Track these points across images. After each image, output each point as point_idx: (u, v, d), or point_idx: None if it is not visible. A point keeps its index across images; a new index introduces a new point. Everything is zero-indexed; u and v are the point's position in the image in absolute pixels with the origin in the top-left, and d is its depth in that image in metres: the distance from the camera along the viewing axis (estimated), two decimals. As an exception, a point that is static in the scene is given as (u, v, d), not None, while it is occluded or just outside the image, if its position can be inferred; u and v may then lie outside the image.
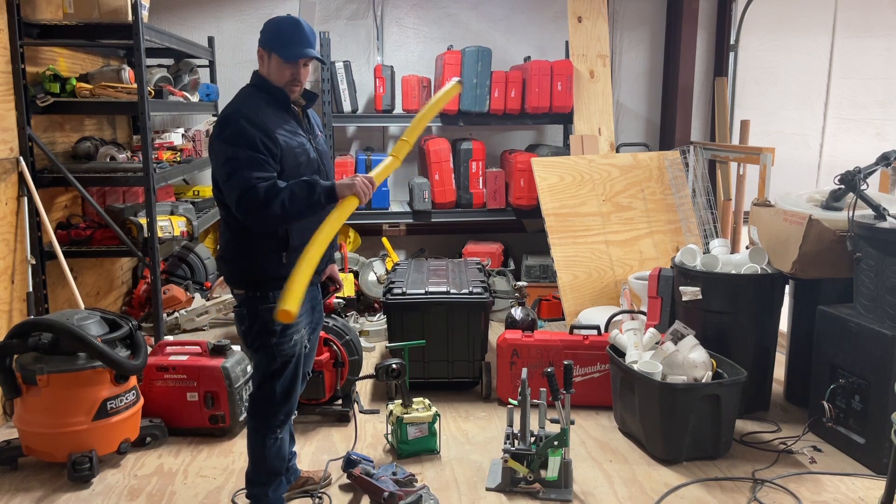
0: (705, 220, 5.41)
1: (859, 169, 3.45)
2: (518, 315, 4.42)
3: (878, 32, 6.45)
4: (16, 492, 3.05)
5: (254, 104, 2.49)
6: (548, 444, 2.96)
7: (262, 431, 2.70)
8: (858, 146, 6.48)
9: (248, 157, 2.39)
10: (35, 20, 3.96)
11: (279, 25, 2.52)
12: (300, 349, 2.67)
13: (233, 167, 2.40)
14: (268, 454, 2.71)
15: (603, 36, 5.82)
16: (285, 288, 2.29)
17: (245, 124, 2.41)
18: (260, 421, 2.71)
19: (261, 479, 2.74)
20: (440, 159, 5.62)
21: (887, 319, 3.14)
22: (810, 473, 3.20)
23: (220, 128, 2.46)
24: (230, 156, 2.41)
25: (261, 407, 2.70)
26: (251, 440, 2.74)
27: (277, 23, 2.54)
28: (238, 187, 2.39)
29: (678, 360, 3.33)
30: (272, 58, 2.51)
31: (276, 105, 2.54)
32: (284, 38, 2.50)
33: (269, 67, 2.53)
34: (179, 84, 5.12)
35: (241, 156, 2.39)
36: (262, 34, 2.54)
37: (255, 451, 2.74)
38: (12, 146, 3.87)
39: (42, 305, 4.01)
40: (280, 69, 2.51)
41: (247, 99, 2.52)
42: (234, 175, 2.39)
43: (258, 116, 2.44)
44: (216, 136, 2.47)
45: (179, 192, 5.48)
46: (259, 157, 2.40)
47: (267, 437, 2.70)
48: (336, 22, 6.00)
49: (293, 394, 2.71)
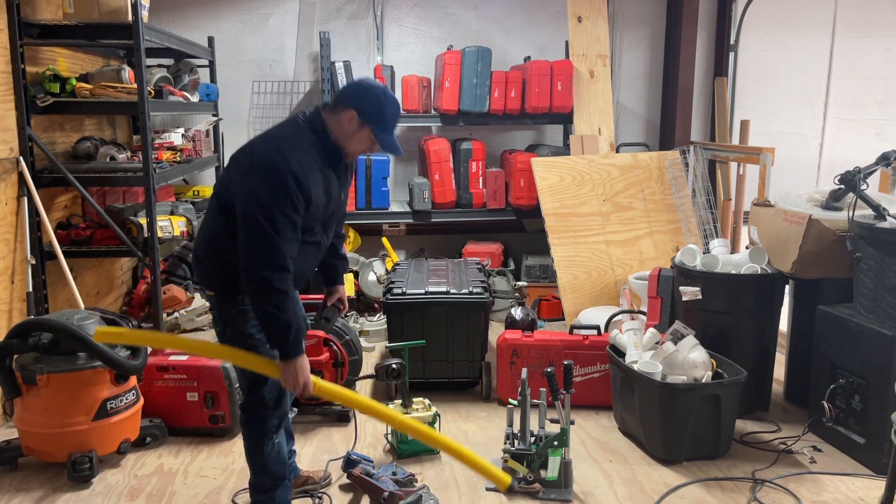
0: (705, 220, 5.41)
1: (859, 169, 3.45)
2: (518, 315, 4.41)
3: (878, 32, 6.45)
4: (16, 492, 3.06)
5: (307, 157, 2.37)
6: (548, 444, 2.96)
7: (259, 438, 2.66)
8: (858, 146, 6.47)
9: (283, 220, 2.28)
10: (35, 20, 3.95)
11: (385, 105, 2.46)
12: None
13: (264, 222, 2.27)
14: (267, 461, 2.68)
15: (603, 36, 5.82)
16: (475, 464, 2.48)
17: (292, 183, 2.28)
18: (254, 428, 2.66)
19: (265, 486, 2.73)
20: (440, 159, 5.62)
21: (887, 319, 3.14)
22: (810, 473, 3.20)
23: (266, 172, 2.30)
24: (267, 208, 2.27)
25: (252, 414, 2.66)
26: (249, 449, 2.70)
27: (385, 101, 2.46)
28: (262, 252, 2.29)
29: (678, 360, 3.33)
30: (364, 129, 2.44)
31: (327, 160, 2.45)
32: (387, 121, 2.48)
33: (351, 133, 2.44)
34: (179, 84, 5.12)
35: (276, 216, 2.27)
36: (360, 99, 2.44)
37: (254, 460, 2.71)
38: (12, 146, 3.87)
39: (42, 305, 4.01)
40: (363, 141, 2.47)
41: (300, 145, 2.38)
42: (264, 232, 2.27)
43: (305, 176, 2.32)
44: (256, 171, 2.32)
45: (179, 192, 5.48)
46: (294, 217, 2.30)
47: (264, 443, 2.66)
48: (336, 22, 6.00)
49: (283, 398, 2.66)
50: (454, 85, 5.48)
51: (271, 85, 5.98)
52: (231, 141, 5.90)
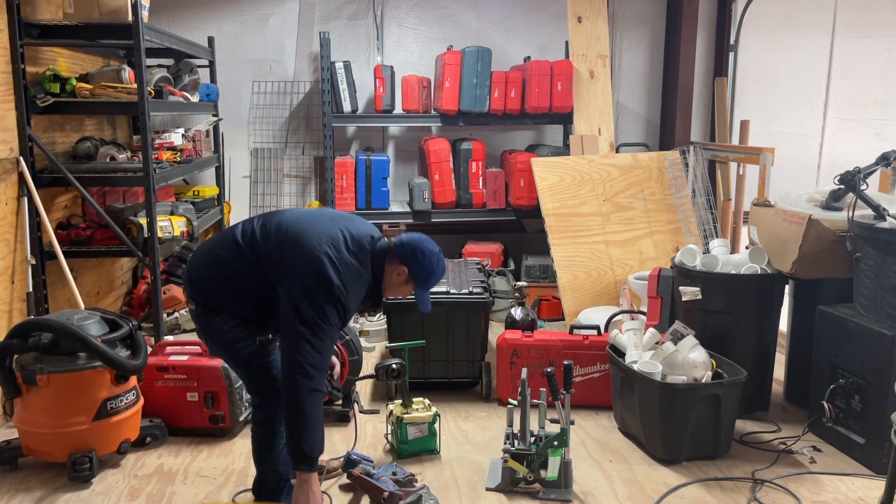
0: (705, 220, 5.41)
1: (859, 169, 3.45)
2: (518, 315, 4.41)
3: (878, 32, 6.45)
4: (16, 492, 3.05)
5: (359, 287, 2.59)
6: (548, 444, 2.96)
7: (268, 438, 2.70)
8: (858, 146, 6.48)
9: (329, 327, 2.46)
10: (35, 20, 3.95)
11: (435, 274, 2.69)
12: (274, 347, 2.66)
13: (317, 321, 2.44)
14: (277, 460, 2.72)
15: (603, 36, 5.82)
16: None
17: (342, 302, 2.48)
18: (262, 427, 2.71)
19: (270, 486, 2.75)
20: (440, 159, 5.62)
21: (887, 319, 3.14)
22: (810, 473, 3.20)
23: (328, 286, 2.46)
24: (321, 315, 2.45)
25: (260, 413, 2.70)
26: (259, 447, 2.73)
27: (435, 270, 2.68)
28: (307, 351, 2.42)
29: (678, 360, 3.33)
30: (409, 282, 2.68)
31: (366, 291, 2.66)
32: (430, 285, 2.72)
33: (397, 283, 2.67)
34: (179, 84, 5.12)
35: (325, 325, 2.45)
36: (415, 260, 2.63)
37: (263, 459, 2.73)
38: (12, 146, 3.87)
39: (42, 305, 4.01)
40: (402, 289, 2.71)
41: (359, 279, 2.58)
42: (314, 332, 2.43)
43: (353, 301, 2.55)
44: (318, 280, 2.45)
45: (179, 192, 5.48)
46: (335, 327, 2.50)
47: (276, 442, 2.70)
48: (336, 22, 6.00)
49: None
50: (454, 85, 5.48)
51: (271, 85, 5.98)
52: (231, 141, 5.91)
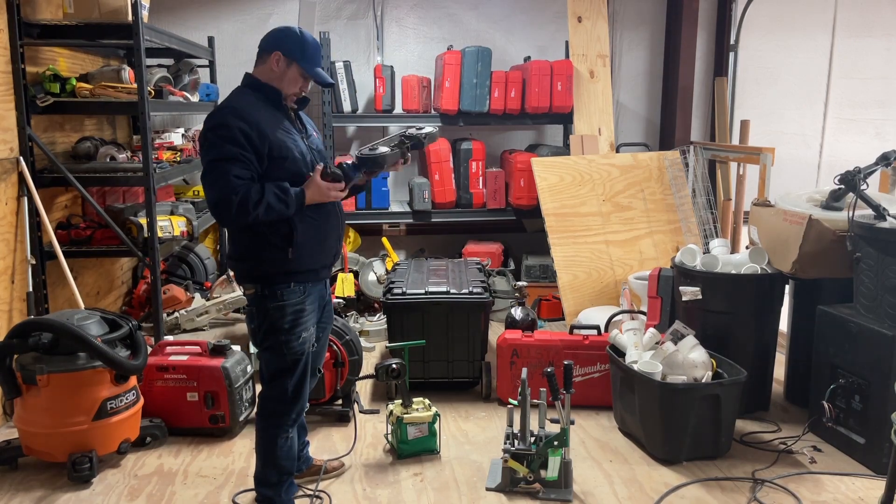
0: (705, 220, 5.41)
1: (859, 169, 3.45)
2: (518, 315, 4.41)
3: (878, 32, 6.45)
4: (16, 492, 3.06)
5: (246, 101, 2.55)
6: (548, 444, 2.96)
7: (274, 431, 2.70)
8: (858, 146, 6.48)
9: (230, 152, 2.43)
10: (35, 20, 3.95)
11: (304, 40, 2.58)
12: (309, 347, 2.68)
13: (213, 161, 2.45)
14: (279, 454, 2.72)
15: (603, 36, 5.82)
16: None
17: (231, 118, 2.45)
18: (271, 420, 2.71)
19: (272, 480, 2.75)
20: (440, 159, 5.62)
21: (887, 319, 3.14)
22: (810, 473, 3.20)
23: (208, 120, 2.51)
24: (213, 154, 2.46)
25: (272, 406, 2.71)
26: (262, 440, 2.73)
27: (302, 37, 2.59)
28: (216, 190, 2.45)
29: (678, 360, 3.33)
30: (292, 66, 2.57)
31: (269, 104, 2.59)
32: (310, 54, 2.59)
33: (281, 73, 2.57)
34: (179, 84, 5.12)
35: (224, 152, 2.44)
36: (279, 40, 2.57)
37: (265, 452, 2.73)
38: (12, 146, 3.87)
39: (42, 305, 4.01)
40: (295, 79, 2.59)
41: (240, 96, 2.58)
42: (213, 171, 2.45)
43: (248, 112, 2.48)
44: (203, 130, 2.53)
45: (179, 192, 5.48)
46: (241, 153, 2.44)
47: (279, 436, 2.70)
48: (336, 22, 6.00)
49: (304, 391, 2.72)
50: (454, 85, 5.48)
51: (271, 85, 5.97)
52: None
